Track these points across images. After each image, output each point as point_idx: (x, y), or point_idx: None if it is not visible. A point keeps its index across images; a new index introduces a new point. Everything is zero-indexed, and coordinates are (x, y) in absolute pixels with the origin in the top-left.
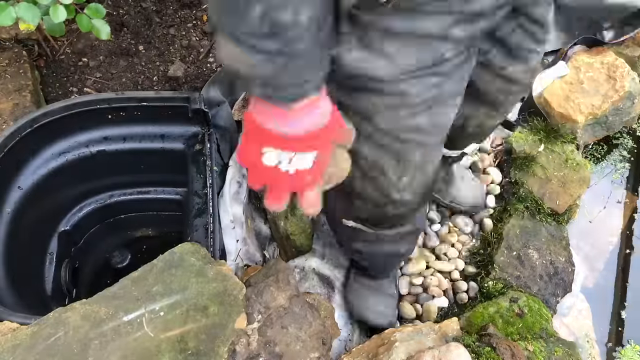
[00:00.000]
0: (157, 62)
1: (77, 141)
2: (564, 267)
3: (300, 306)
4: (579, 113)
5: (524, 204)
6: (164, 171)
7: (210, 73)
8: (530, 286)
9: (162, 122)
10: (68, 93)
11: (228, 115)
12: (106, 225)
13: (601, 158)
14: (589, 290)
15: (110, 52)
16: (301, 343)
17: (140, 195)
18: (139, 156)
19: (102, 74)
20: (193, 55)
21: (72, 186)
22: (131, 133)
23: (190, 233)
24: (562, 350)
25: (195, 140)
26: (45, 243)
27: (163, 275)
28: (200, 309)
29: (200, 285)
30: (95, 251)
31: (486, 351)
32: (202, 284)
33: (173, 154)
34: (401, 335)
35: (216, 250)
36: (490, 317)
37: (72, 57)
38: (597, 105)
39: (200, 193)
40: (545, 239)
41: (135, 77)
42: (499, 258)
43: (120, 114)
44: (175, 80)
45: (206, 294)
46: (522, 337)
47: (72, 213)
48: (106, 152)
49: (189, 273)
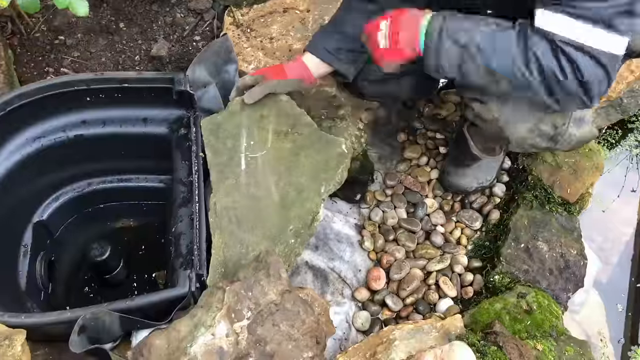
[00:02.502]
0: (139, 41)
1: (53, 125)
2: (576, 261)
3: (293, 302)
4: None
5: (533, 193)
6: (147, 157)
7: (196, 52)
8: (540, 281)
9: (145, 105)
10: (43, 74)
11: (215, 97)
12: (84, 216)
13: (615, 143)
14: (602, 285)
15: (89, 29)
16: (293, 342)
17: (120, 184)
18: (120, 141)
19: (80, 53)
20: (178, 33)
21: (47, 173)
22: (111, 116)
23: (175, 224)
24: (574, 349)
25: (180, 124)
26: (19, 235)
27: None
28: None
29: None
30: (72, 243)
31: (492, 350)
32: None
33: (156, 138)
34: (401, 333)
35: (202, 242)
36: (497, 314)
37: (48, 35)
38: (611, 88)
39: (185, 181)
40: (556, 230)
41: (115, 56)
42: (505, 251)
43: (100, 96)
44: (158, 59)
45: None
46: (531, 335)
47: (47, 202)
48: (84, 137)
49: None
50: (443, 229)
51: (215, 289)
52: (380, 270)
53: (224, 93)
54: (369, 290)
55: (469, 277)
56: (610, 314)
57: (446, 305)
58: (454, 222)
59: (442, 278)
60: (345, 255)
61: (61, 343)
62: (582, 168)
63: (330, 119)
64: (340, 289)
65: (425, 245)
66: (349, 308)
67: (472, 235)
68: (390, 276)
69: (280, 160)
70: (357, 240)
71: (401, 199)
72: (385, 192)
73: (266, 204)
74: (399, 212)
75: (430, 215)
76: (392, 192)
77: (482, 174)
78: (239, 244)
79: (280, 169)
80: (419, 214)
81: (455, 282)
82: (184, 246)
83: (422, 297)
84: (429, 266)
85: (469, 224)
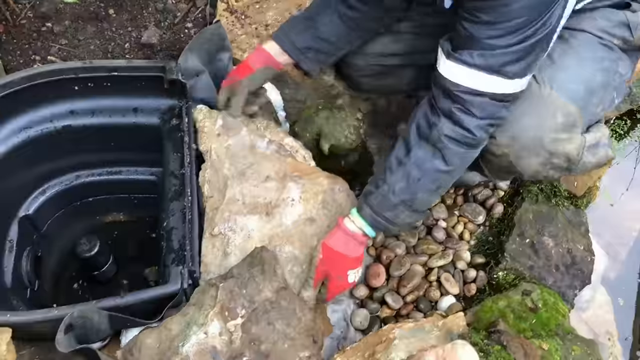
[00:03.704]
0: (129, 28)
1: (40, 115)
2: (583, 256)
3: (289, 300)
4: None
5: (538, 186)
6: (137, 149)
7: (188, 39)
8: (545, 277)
9: (135, 94)
10: (30, 62)
11: (208, 87)
12: (72, 210)
13: (624, 134)
14: (610, 282)
15: (77, 16)
16: (289, 341)
17: (110, 176)
18: (109, 132)
19: (68, 40)
20: (169, 19)
21: (34, 166)
22: (100, 106)
23: (166, 218)
24: (581, 348)
25: (172, 114)
26: (4, 230)
27: None
28: None
29: None
30: (59, 238)
31: (496, 350)
32: None
33: (147, 129)
34: (401, 332)
35: (194, 238)
36: (501, 312)
37: (35, 22)
38: None
39: (177, 173)
40: (562, 224)
41: (104, 44)
42: (510, 246)
43: (88, 86)
44: (149, 47)
45: None
46: (536, 334)
47: (34, 196)
48: (72, 127)
49: None
50: (445, 223)
51: (208, 286)
52: (380, 267)
53: (217, 82)
54: (368, 287)
55: (472, 274)
56: (619, 312)
57: (448, 303)
58: (456, 217)
59: (444, 275)
60: None
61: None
62: None
63: (328, 109)
64: None
65: (427, 240)
66: (347, 306)
67: (475, 230)
68: (390, 273)
69: None
70: None
71: None
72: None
73: None
74: None
75: (432, 209)
76: None
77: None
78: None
79: None
80: None
81: (457, 278)
82: (176, 241)
83: (423, 294)
84: (430, 262)
85: (472, 218)
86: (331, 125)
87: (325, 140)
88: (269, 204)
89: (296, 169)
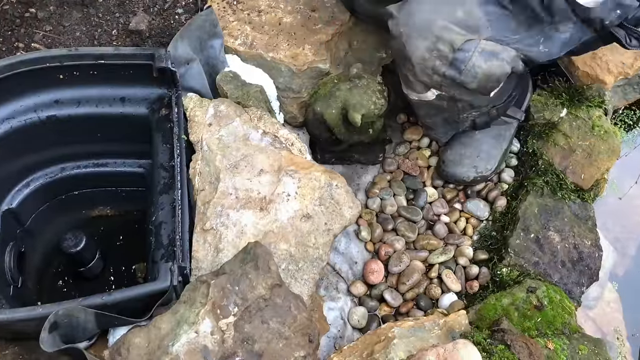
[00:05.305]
0: (117, 13)
1: (23, 105)
2: (590, 252)
3: (283, 297)
4: (607, 73)
5: (544, 179)
6: (125, 140)
7: (179, 26)
8: (551, 274)
9: (123, 83)
10: (13, 49)
11: (199, 75)
12: (57, 203)
13: (633, 125)
14: (618, 278)
15: (62, 1)
16: (284, 340)
17: (96, 169)
18: (96, 122)
19: (52, 27)
20: (158, 5)
21: (17, 157)
22: (86, 96)
23: (155, 212)
24: (588, 348)
25: (161, 104)
26: None
27: None
28: None
29: None
30: (44, 233)
31: (499, 349)
32: None
33: (135, 119)
34: (400, 330)
35: (185, 232)
36: (504, 310)
37: (18, 8)
38: (629, 64)
39: (167, 165)
40: (568, 219)
41: (91, 30)
42: (514, 241)
43: (74, 74)
44: (137, 34)
45: None
46: (541, 333)
47: (17, 189)
48: (57, 117)
49: None
50: (447, 218)
51: (199, 282)
52: (378, 263)
53: (208, 70)
54: (366, 284)
55: (474, 270)
56: (628, 310)
57: (449, 301)
58: (458, 211)
59: (445, 271)
60: (339, 246)
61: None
62: (597, 152)
63: (348, 80)
64: (335, 282)
65: (427, 235)
66: (344, 303)
67: (477, 225)
68: (388, 269)
69: None
70: (353, 230)
71: (400, 185)
72: (384, 178)
73: None
74: (398, 199)
75: (432, 203)
76: (391, 178)
77: (481, 162)
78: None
79: None
80: (420, 201)
81: (459, 275)
82: (165, 236)
83: (423, 291)
84: (431, 258)
85: (475, 212)
86: (357, 95)
87: (354, 111)
88: (263, 199)
89: (292, 162)
